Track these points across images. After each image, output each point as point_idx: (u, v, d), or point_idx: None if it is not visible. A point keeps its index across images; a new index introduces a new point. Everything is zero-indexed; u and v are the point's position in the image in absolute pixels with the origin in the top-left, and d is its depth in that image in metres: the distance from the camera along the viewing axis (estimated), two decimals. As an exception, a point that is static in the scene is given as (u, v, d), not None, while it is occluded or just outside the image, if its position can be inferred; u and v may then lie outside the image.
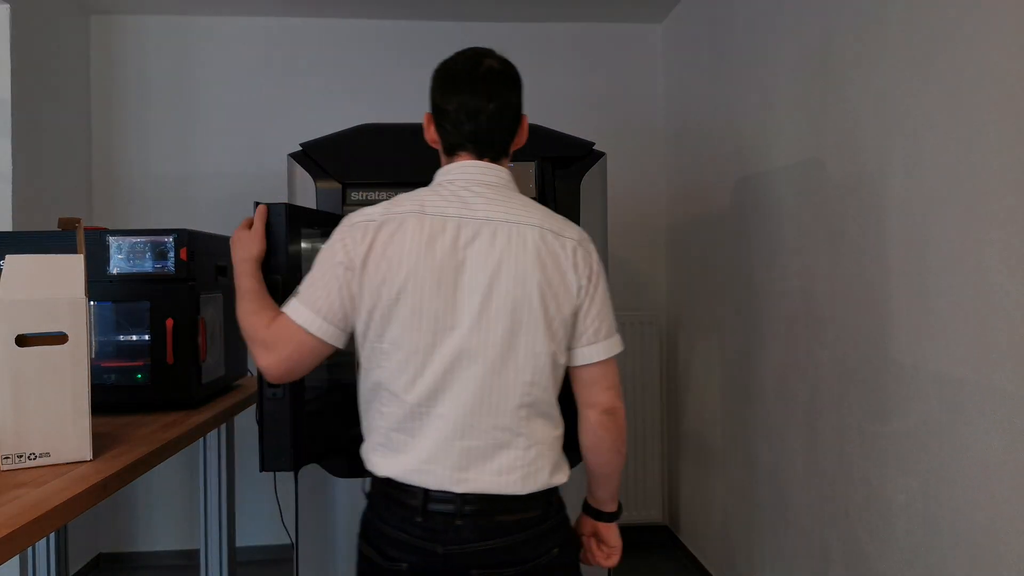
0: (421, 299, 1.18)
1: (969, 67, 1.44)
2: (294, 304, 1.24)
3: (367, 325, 1.21)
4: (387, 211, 1.23)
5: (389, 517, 1.22)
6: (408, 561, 1.21)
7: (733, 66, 2.62)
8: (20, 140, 2.65)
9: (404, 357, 1.19)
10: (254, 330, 1.28)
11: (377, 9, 3.22)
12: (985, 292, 1.40)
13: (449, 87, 1.29)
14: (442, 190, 1.27)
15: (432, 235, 1.19)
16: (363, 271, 1.19)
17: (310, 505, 2.08)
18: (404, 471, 1.20)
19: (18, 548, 1.04)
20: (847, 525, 1.88)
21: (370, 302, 1.20)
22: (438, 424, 1.19)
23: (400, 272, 1.18)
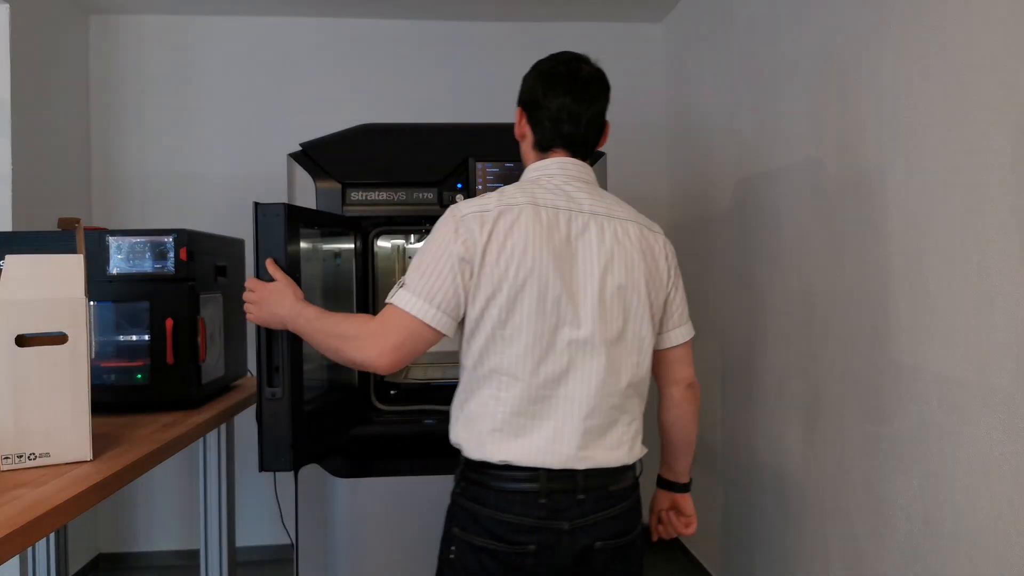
0: (544, 286, 1.24)
1: (969, 67, 1.44)
2: (405, 295, 1.24)
3: (484, 313, 1.25)
4: (500, 202, 1.28)
5: (507, 503, 1.24)
6: (535, 542, 1.24)
7: (733, 65, 2.62)
8: (19, 140, 2.65)
9: (530, 342, 1.24)
10: (353, 329, 1.28)
11: (377, 9, 3.22)
12: (985, 292, 1.40)
13: (552, 88, 1.37)
14: (547, 183, 1.33)
15: (549, 226, 1.26)
16: (483, 261, 1.24)
17: (310, 505, 2.08)
18: (525, 454, 1.24)
19: (18, 548, 1.04)
20: (847, 525, 1.88)
21: (489, 290, 1.24)
22: (564, 406, 1.25)
23: (524, 261, 1.23)
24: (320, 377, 1.98)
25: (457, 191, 2.12)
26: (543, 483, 1.24)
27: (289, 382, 1.60)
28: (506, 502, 1.24)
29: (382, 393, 2.24)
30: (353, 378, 2.12)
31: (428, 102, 3.32)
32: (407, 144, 2.16)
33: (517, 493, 1.24)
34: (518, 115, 1.43)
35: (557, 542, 1.25)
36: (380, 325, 1.25)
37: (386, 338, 1.24)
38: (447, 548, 1.32)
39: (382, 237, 2.32)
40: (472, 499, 1.28)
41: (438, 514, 2.07)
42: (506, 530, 1.24)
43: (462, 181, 2.12)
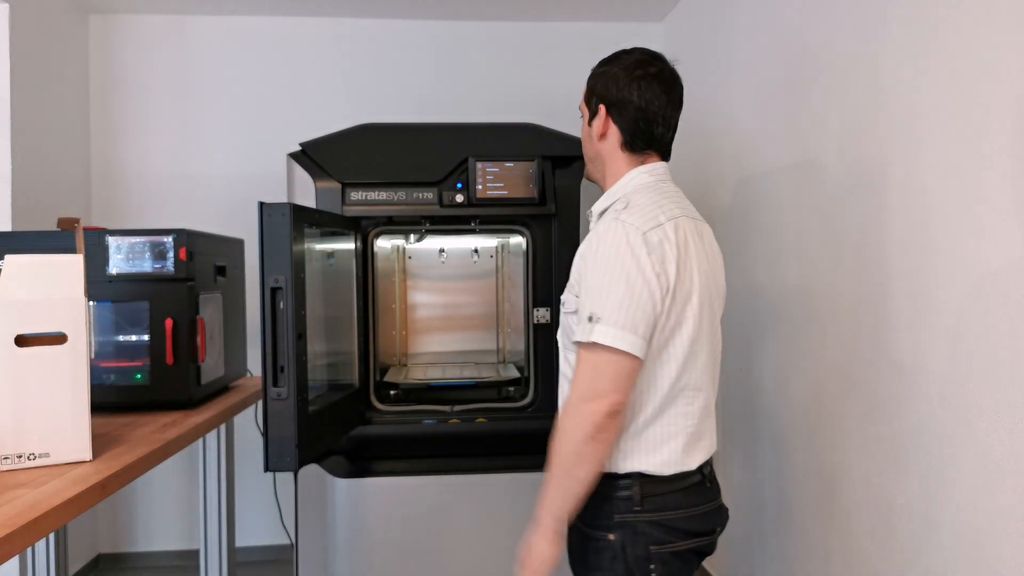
0: (708, 298, 1.32)
1: (969, 67, 1.44)
2: (611, 332, 1.19)
3: (676, 332, 1.27)
4: (667, 216, 1.29)
5: (693, 502, 1.32)
6: (718, 524, 1.37)
7: (733, 65, 2.62)
8: (19, 139, 2.64)
9: (707, 356, 1.33)
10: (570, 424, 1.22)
11: (376, 7, 3.22)
12: (985, 292, 1.40)
13: (648, 88, 1.35)
14: (669, 191, 1.37)
15: (698, 237, 1.34)
16: (677, 284, 1.26)
17: (310, 505, 2.08)
18: (706, 454, 1.36)
19: (18, 548, 1.04)
20: (847, 525, 1.88)
21: (680, 308, 1.27)
22: (710, 408, 1.37)
23: (698, 277, 1.29)
24: (321, 377, 1.98)
25: (457, 191, 2.12)
26: (701, 475, 1.35)
27: (294, 382, 1.60)
28: (694, 501, 1.32)
29: (382, 393, 2.24)
30: (353, 378, 2.13)
31: (428, 102, 3.32)
32: (407, 144, 2.16)
33: (696, 489, 1.33)
34: (602, 112, 1.38)
35: (721, 518, 1.38)
36: (592, 379, 1.20)
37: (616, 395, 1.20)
38: (643, 572, 1.28)
39: (382, 237, 2.32)
40: (659, 510, 1.29)
41: (438, 514, 2.08)
42: (699, 523, 1.33)
43: (462, 181, 2.12)
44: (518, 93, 3.34)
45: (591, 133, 1.42)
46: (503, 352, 2.57)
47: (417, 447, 2.16)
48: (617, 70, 1.37)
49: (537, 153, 2.12)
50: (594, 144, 1.42)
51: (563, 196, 2.16)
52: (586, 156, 1.46)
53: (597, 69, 1.43)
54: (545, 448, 2.12)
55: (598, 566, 1.31)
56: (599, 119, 1.39)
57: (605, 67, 1.41)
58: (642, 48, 1.42)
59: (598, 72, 1.42)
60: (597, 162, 1.44)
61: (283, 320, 1.61)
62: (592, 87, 1.42)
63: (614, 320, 1.20)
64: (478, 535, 2.08)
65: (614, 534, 1.28)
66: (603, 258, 1.23)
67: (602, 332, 1.19)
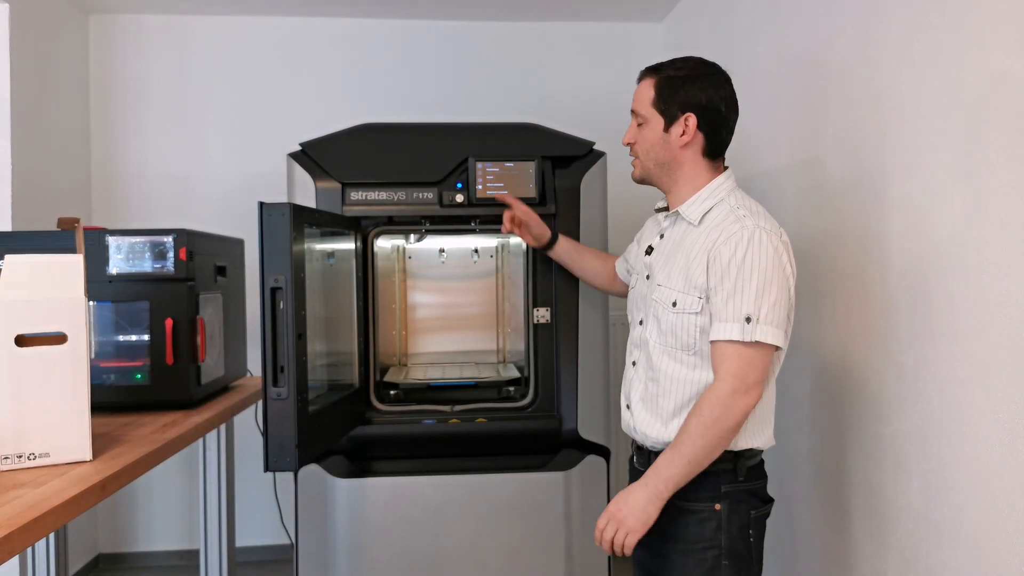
0: None
1: (969, 66, 1.44)
2: (770, 331, 1.36)
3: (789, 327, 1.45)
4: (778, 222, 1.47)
5: (764, 472, 1.52)
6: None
7: (733, 65, 2.62)
8: (19, 140, 2.64)
9: None
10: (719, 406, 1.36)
11: (377, 9, 3.22)
12: (985, 292, 1.40)
13: (731, 102, 1.50)
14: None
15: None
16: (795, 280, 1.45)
17: (310, 505, 2.08)
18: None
19: (18, 548, 1.04)
20: (848, 526, 1.88)
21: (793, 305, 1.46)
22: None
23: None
24: (321, 377, 1.98)
25: (457, 191, 2.12)
26: None
27: (294, 382, 1.60)
28: (764, 468, 1.51)
29: (382, 393, 2.24)
30: (353, 378, 2.13)
31: (428, 102, 3.32)
32: (407, 144, 2.16)
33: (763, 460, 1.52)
34: (687, 120, 1.46)
35: None
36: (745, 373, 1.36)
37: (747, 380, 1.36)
38: (743, 537, 1.43)
39: (382, 237, 2.32)
40: (754, 479, 1.46)
41: (438, 514, 2.08)
42: (767, 492, 1.51)
43: (462, 181, 2.12)
44: (518, 93, 3.34)
45: (669, 140, 1.48)
46: (503, 352, 2.57)
47: (417, 447, 2.16)
48: (700, 79, 1.46)
49: (537, 153, 2.12)
50: (672, 150, 1.48)
51: (563, 196, 2.16)
52: (653, 161, 1.51)
53: (669, 76, 1.48)
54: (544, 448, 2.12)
55: (700, 537, 1.41)
56: (681, 126, 1.46)
57: (678, 74, 1.47)
58: (695, 56, 1.52)
59: (674, 80, 1.47)
60: (669, 167, 1.50)
61: (283, 320, 1.61)
62: (670, 94, 1.46)
63: (770, 319, 1.35)
64: (478, 535, 2.08)
65: (720, 504, 1.41)
66: (757, 262, 1.36)
67: (764, 331, 1.35)
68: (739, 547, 1.42)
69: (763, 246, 1.36)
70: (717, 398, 1.35)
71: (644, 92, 1.50)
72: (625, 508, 1.38)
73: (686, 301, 1.43)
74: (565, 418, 2.13)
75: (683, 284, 1.44)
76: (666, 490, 1.36)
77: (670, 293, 1.46)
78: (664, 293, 1.48)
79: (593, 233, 2.17)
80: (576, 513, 2.09)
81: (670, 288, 1.47)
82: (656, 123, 1.48)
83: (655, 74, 1.49)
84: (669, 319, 1.45)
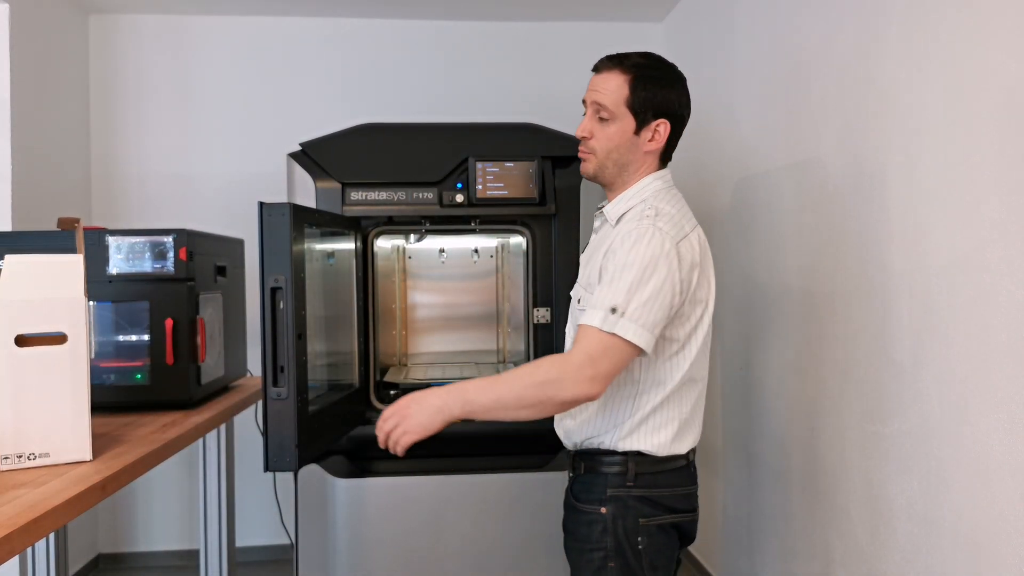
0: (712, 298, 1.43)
1: (969, 66, 1.44)
2: (631, 327, 1.27)
3: (694, 335, 1.39)
4: (691, 227, 1.40)
5: (676, 483, 1.43)
6: (696, 506, 1.48)
7: (733, 65, 2.62)
8: (19, 140, 2.64)
9: (707, 351, 1.44)
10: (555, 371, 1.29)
11: (375, 7, 3.22)
12: (985, 292, 1.40)
13: (689, 103, 1.48)
14: (678, 195, 1.46)
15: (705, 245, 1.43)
16: (697, 291, 1.37)
17: (310, 505, 2.08)
18: (692, 443, 1.46)
19: (18, 548, 1.04)
20: (848, 526, 1.88)
21: (699, 315, 1.39)
22: (703, 397, 1.47)
23: (712, 283, 1.42)
24: (321, 377, 1.98)
25: (457, 191, 2.12)
26: (689, 458, 1.46)
27: (294, 382, 1.60)
28: (684, 480, 1.44)
29: (382, 393, 2.24)
30: (354, 378, 2.13)
31: (428, 102, 3.32)
32: (407, 144, 2.16)
33: (679, 469, 1.43)
34: (659, 126, 1.42)
35: (697, 502, 1.49)
36: (596, 360, 1.26)
37: (597, 367, 1.26)
38: (631, 544, 1.38)
39: (382, 237, 2.32)
40: (648, 486, 1.40)
41: (438, 514, 2.08)
42: (686, 502, 1.45)
43: (462, 181, 2.12)
44: (518, 93, 3.34)
45: (637, 143, 1.42)
46: (503, 352, 2.57)
47: (417, 447, 2.16)
48: (675, 84, 1.45)
49: (537, 153, 2.12)
50: (636, 154, 1.43)
51: (563, 196, 2.16)
52: (611, 160, 1.43)
53: (648, 78, 1.41)
54: (544, 448, 2.12)
55: (588, 538, 1.40)
56: (651, 131, 1.42)
57: (658, 76, 1.42)
58: (660, 56, 1.48)
59: (652, 83, 1.40)
60: (627, 169, 1.44)
61: (283, 320, 1.61)
62: (647, 98, 1.40)
63: (636, 316, 1.27)
64: (478, 535, 2.08)
65: (606, 507, 1.39)
66: (638, 258, 1.29)
67: (625, 326, 1.26)
68: (626, 552, 1.37)
69: (650, 245, 1.29)
70: (562, 365, 1.28)
71: (615, 87, 1.40)
72: (415, 408, 1.33)
73: (584, 296, 1.44)
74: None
75: (586, 282, 1.45)
76: (461, 413, 1.31)
77: (579, 291, 1.49)
78: (576, 291, 1.51)
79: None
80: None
81: (580, 286, 1.50)
82: (627, 124, 1.41)
83: (628, 70, 1.40)
84: (576, 316, 1.47)
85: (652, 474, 1.40)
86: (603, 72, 1.44)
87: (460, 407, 1.31)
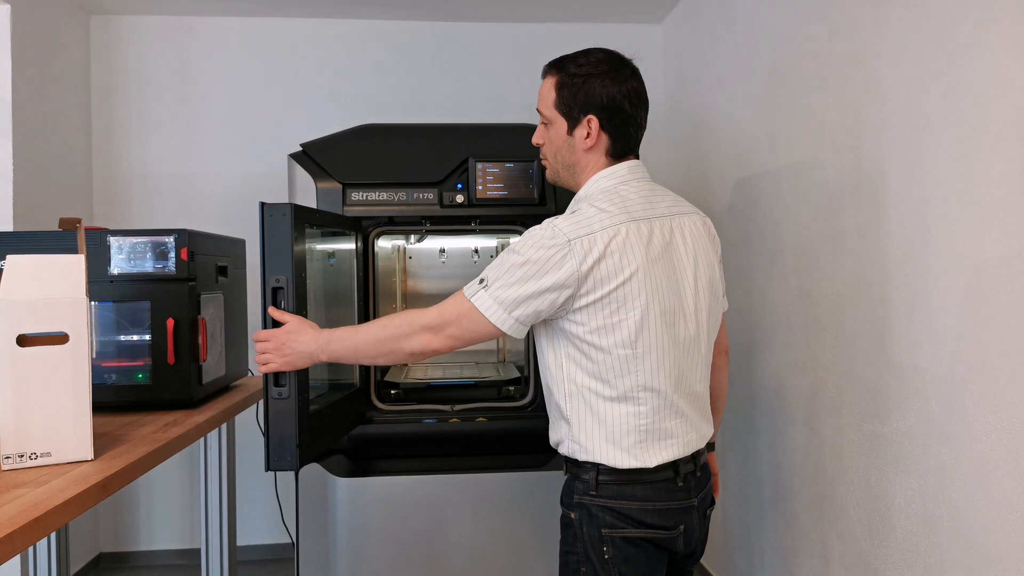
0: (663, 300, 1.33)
1: (969, 66, 1.44)
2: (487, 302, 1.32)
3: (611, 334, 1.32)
4: (604, 225, 1.30)
5: (650, 497, 1.35)
6: (682, 522, 1.38)
7: (733, 66, 2.63)
8: (20, 140, 2.65)
9: (658, 358, 1.34)
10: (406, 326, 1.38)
11: (377, 9, 3.22)
12: (985, 292, 1.40)
13: (637, 98, 1.40)
14: (627, 191, 1.38)
15: (659, 238, 1.35)
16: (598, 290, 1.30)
17: (310, 504, 2.08)
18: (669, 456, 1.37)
19: (19, 548, 1.04)
20: (847, 525, 1.88)
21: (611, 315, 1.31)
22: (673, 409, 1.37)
23: (645, 283, 1.31)
24: (322, 377, 1.99)
25: (457, 191, 2.12)
26: (673, 471, 1.37)
27: (295, 382, 1.61)
28: (651, 491, 1.35)
29: (383, 393, 2.25)
30: (354, 378, 2.13)
31: (428, 102, 3.32)
32: (407, 144, 2.16)
33: (657, 483, 1.35)
34: (589, 122, 1.38)
35: (690, 517, 1.39)
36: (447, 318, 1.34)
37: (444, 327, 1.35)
38: (598, 553, 1.35)
39: (382, 237, 2.33)
40: (613, 497, 1.35)
41: (438, 513, 2.08)
42: (660, 517, 1.35)
43: (462, 181, 2.13)
44: (518, 94, 3.35)
45: (573, 143, 1.41)
46: (503, 352, 2.58)
47: (417, 446, 2.16)
48: (604, 80, 1.37)
49: (537, 154, 2.13)
50: (577, 154, 1.41)
51: (563, 197, 2.16)
52: (560, 164, 1.45)
53: (570, 74, 1.39)
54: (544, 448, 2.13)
55: (565, 541, 1.42)
56: (584, 129, 1.38)
57: (579, 72, 1.38)
58: (602, 48, 1.42)
59: (575, 79, 1.38)
60: (574, 170, 1.44)
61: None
62: (571, 95, 1.38)
63: (494, 292, 1.31)
64: (478, 534, 2.08)
65: (574, 513, 1.38)
66: (522, 246, 1.31)
67: (481, 297, 1.32)
68: (593, 560, 1.36)
69: (534, 236, 1.31)
70: (411, 320, 1.38)
71: (546, 91, 1.43)
72: (290, 348, 1.48)
73: None
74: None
75: None
76: (325, 357, 1.46)
77: None
78: None
79: (593, 233, 2.17)
80: (576, 513, 2.09)
81: None
82: (560, 125, 1.42)
83: (556, 72, 1.41)
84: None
85: (616, 484, 1.35)
86: (543, 79, 1.46)
87: (327, 355, 1.46)
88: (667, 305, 1.33)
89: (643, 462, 1.34)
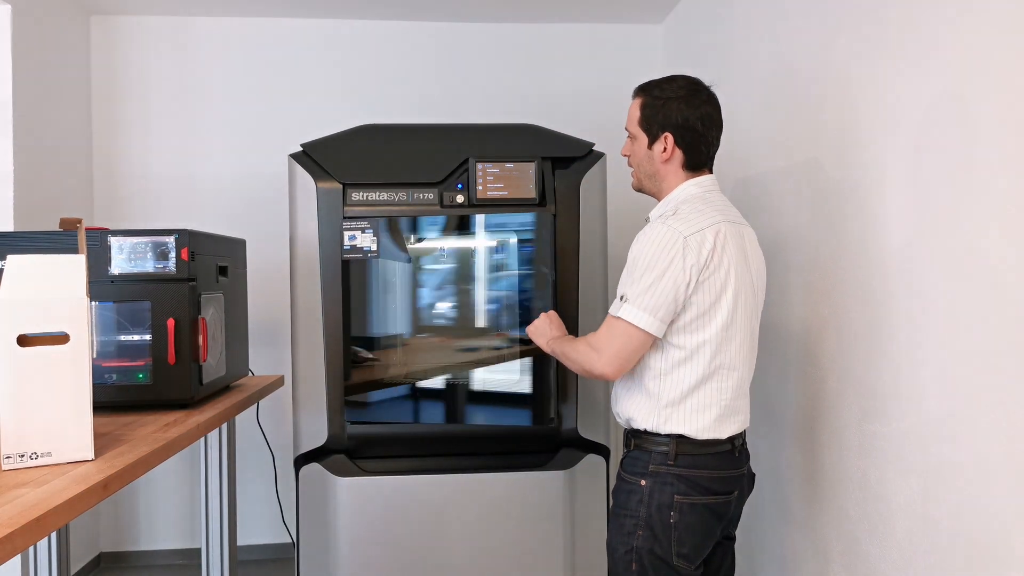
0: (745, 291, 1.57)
1: (969, 66, 1.44)
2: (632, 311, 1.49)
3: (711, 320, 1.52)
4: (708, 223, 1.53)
5: (718, 466, 1.56)
6: (736, 487, 1.60)
7: (731, 67, 2.63)
8: (21, 140, 2.65)
9: (741, 340, 1.58)
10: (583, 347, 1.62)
11: (377, 9, 3.22)
12: (984, 291, 1.40)
13: (708, 121, 1.61)
14: (713, 198, 1.61)
15: (739, 239, 1.57)
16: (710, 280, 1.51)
17: (311, 504, 2.08)
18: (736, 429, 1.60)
19: (19, 548, 1.04)
20: (847, 525, 1.88)
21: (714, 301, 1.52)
22: (744, 386, 1.63)
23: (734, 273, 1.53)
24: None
25: (458, 191, 2.12)
26: (737, 442, 1.61)
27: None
28: (718, 461, 1.56)
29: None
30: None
31: (428, 102, 3.32)
32: (408, 145, 2.16)
33: (722, 453, 1.57)
34: (665, 139, 1.60)
35: (740, 484, 1.62)
36: (603, 343, 1.53)
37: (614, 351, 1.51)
38: (663, 516, 1.52)
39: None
40: (688, 467, 1.53)
41: (438, 513, 2.08)
42: (719, 484, 1.56)
43: (462, 181, 2.13)
44: (518, 94, 3.35)
45: (652, 156, 1.63)
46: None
47: (418, 446, 2.17)
48: (678, 100, 1.60)
49: (537, 154, 2.13)
50: (655, 165, 1.64)
51: (563, 197, 2.16)
52: (643, 173, 1.68)
53: (653, 97, 1.62)
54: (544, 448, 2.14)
55: (626, 505, 1.57)
56: (662, 144, 1.61)
57: (661, 95, 1.61)
58: (685, 75, 1.66)
59: (656, 101, 1.61)
60: (655, 179, 1.66)
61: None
62: (651, 115, 1.62)
63: (638, 302, 1.47)
64: (478, 534, 2.08)
65: (645, 480, 1.54)
66: (643, 252, 1.50)
67: (628, 310, 1.49)
68: (656, 523, 1.52)
69: (654, 239, 1.49)
70: (586, 349, 1.59)
71: (633, 111, 1.67)
72: (542, 328, 1.83)
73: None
74: (565, 417, 2.13)
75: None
76: (548, 349, 1.78)
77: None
78: None
79: (592, 234, 2.18)
80: (576, 512, 2.09)
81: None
82: (642, 140, 1.64)
83: (642, 94, 1.65)
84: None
85: (692, 455, 1.53)
86: (632, 99, 1.69)
87: (549, 348, 1.77)
88: (747, 297, 1.56)
89: (718, 434, 1.55)
